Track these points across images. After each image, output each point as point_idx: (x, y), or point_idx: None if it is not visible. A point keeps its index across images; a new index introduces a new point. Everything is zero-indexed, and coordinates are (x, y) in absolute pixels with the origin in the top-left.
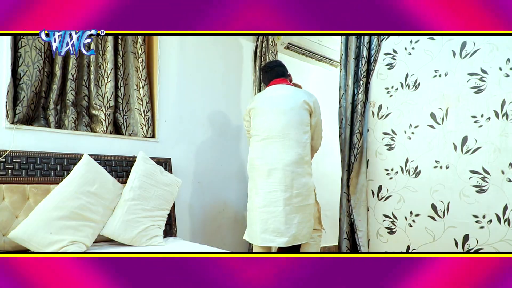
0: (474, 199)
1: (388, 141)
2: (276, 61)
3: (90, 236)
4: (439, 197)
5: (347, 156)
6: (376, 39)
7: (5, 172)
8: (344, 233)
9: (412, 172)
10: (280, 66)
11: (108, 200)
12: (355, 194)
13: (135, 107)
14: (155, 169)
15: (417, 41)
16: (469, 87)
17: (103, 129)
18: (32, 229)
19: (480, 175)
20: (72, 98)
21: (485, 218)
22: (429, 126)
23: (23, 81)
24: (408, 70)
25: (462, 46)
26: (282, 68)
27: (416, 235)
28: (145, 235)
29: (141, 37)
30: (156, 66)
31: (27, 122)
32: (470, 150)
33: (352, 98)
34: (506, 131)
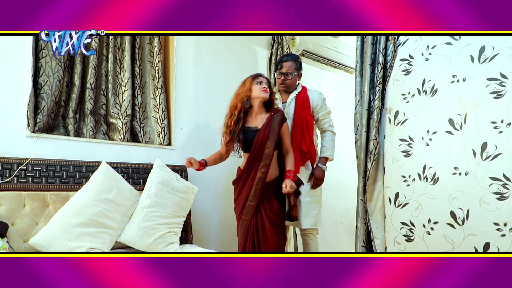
0: (494, 207)
1: (405, 148)
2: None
3: (107, 243)
4: (458, 204)
5: (363, 163)
6: (392, 44)
7: (26, 179)
8: (361, 241)
9: (430, 179)
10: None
11: (125, 207)
12: (371, 201)
13: (152, 115)
14: (171, 176)
15: (434, 46)
16: (488, 92)
17: (121, 137)
18: (51, 236)
19: (501, 182)
20: (90, 107)
21: (506, 226)
22: (447, 132)
23: (44, 91)
24: (425, 76)
25: (481, 51)
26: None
27: (435, 243)
28: (161, 242)
29: (157, 46)
30: (172, 74)
31: (47, 131)
32: (490, 156)
33: (368, 105)
34: None
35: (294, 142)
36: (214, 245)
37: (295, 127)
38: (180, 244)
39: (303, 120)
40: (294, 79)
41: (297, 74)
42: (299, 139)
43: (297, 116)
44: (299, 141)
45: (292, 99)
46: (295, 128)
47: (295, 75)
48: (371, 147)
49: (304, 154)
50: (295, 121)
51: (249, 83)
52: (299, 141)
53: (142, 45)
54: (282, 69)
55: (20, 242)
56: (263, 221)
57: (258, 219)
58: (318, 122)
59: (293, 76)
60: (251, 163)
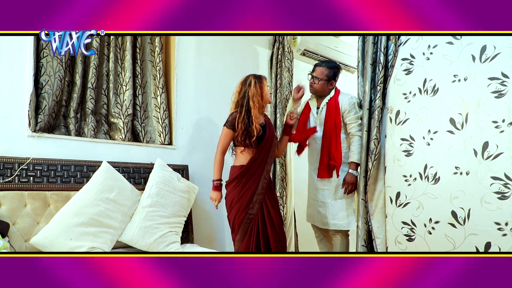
0: (496, 206)
1: (406, 147)
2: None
3: (108, 242)
4: (459, 203)
5: (365, 163)
6: (393, 44)
7: (27, 179)
8: (362, 240)
9: (431, 178)
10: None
11: (126, 206)
12: (372, 200)
13: (153, 115)
14: (172, 176)
15: (435, 46)
16: (490, 91)
17: (122, 136)
18: (52, 235)
19: (502, 182)
20: (91, 107)
21: (507, 226)
22: (449, 132)
23: (45, 91)
24: (426, 75)
25: (482, 50)
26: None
27: (436, 242)
28: (162, 242)
29: (158, 46)
30: (173, 74)
31: (48, 130)
32: (491, 156)
33: (369, 104)
34: None
35: (324, 150)
36: (215, 244)
37: (325, 134)
38: (181, 243)
39: (332, 126)
40: (323, 86)
41: (326, 81)
42: (327, 146)
43: (327, 122)
44: (327, 149)
45: (324, 106)
46: (325, 135)
47: (324, 82)
48: (372, 147)
49: (331, 162)
50: (326, 127)
51: (264, 85)
52: (328, 149)
53: (143, 44)
54: (313, 72)
55: (21, 241)
56: (269, 212)
57: (264, 212)
58: (346, 126)
59: (322, 82)
60: (260, 157)
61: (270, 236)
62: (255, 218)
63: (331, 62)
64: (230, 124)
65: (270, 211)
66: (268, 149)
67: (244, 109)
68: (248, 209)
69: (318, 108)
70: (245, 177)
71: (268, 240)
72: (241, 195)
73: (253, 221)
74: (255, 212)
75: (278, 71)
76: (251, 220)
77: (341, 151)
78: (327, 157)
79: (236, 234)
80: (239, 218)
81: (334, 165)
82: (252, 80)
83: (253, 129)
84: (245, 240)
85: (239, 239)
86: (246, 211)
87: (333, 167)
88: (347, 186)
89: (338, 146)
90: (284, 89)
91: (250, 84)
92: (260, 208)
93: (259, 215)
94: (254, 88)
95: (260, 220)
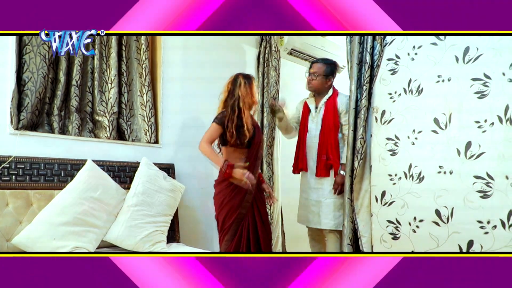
0: (478, 205)
1: (391, 147)
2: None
3: (93, 242)
4: (443, 202)
5: (351, 162)
6: (379, 44)
7: (9, 177)
8: (347, 239)
9: (415, 177)
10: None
11: (111, 205)
12: (358, 199)
13: (139, 113)
14: (158, 174)
15: (420, 47)
16: (473, 92)
17: (107, 135)
18: (35, 235)
19: (484, 181)
20: (76, 104)
21: (489, 224)
22: (433, 132)
23: (28, 87)
24: (411, 76)
25: (465, 51)
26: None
27: (420, 240)
28: (148, 241)
29: (144, 44)
30: (159, 72)
31: (31, 128)
32: (474, 155)
33: (355, 104)
34: (509, 136)
35: (322, 149)
36: (201, 244)
37: (323, 133)
38: (167, 243)
39: (331, 126)
40: (320, 82)
41: (324, 77)
42: (325, 145)
43: (325, 122)
44: (325, 148)
45: (322, 105)
46: (323, 134)
47: (322, 77)
48: (358, 146)
49: (329, 161)
50: (324, 127)
51: (254, 86)
52: (326, 148)
53: (129, 42)
54: (310, 69)
55: (3, 241)
56: (260, 211)
57: (255, 211)
58: (342, 127)
59: (319, 78)
60: (252, 156)
61: (260, 236)
62: (245, 218)
63: (327, 59)
64: (220, 121)
65: (260, 211)
66: (258, 149)
67: (235, 108)
68: (239, 209)
69: (317, 108)
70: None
71: (258, 239)
72: (234, 195)
73: (243, 221)
74: (245, 212)
75: (265, 70)
76: (241, 220)
77: (339, 150)
78: (325, 156)
79: (226, 234)
80: (230, 218)
81: (332, 164)
82: (241, 80)
83: (245, 130)
84: (235, 239)
85: (229, 239)
86: (238, 211)
87: (330, 166)
88: (337, 186)
89: (336, 146)
90: (271, 88)
91: (240, 85)
92: (250, 208)
93: (249, 215)
94: (244, 88)
95: (250, 219)
